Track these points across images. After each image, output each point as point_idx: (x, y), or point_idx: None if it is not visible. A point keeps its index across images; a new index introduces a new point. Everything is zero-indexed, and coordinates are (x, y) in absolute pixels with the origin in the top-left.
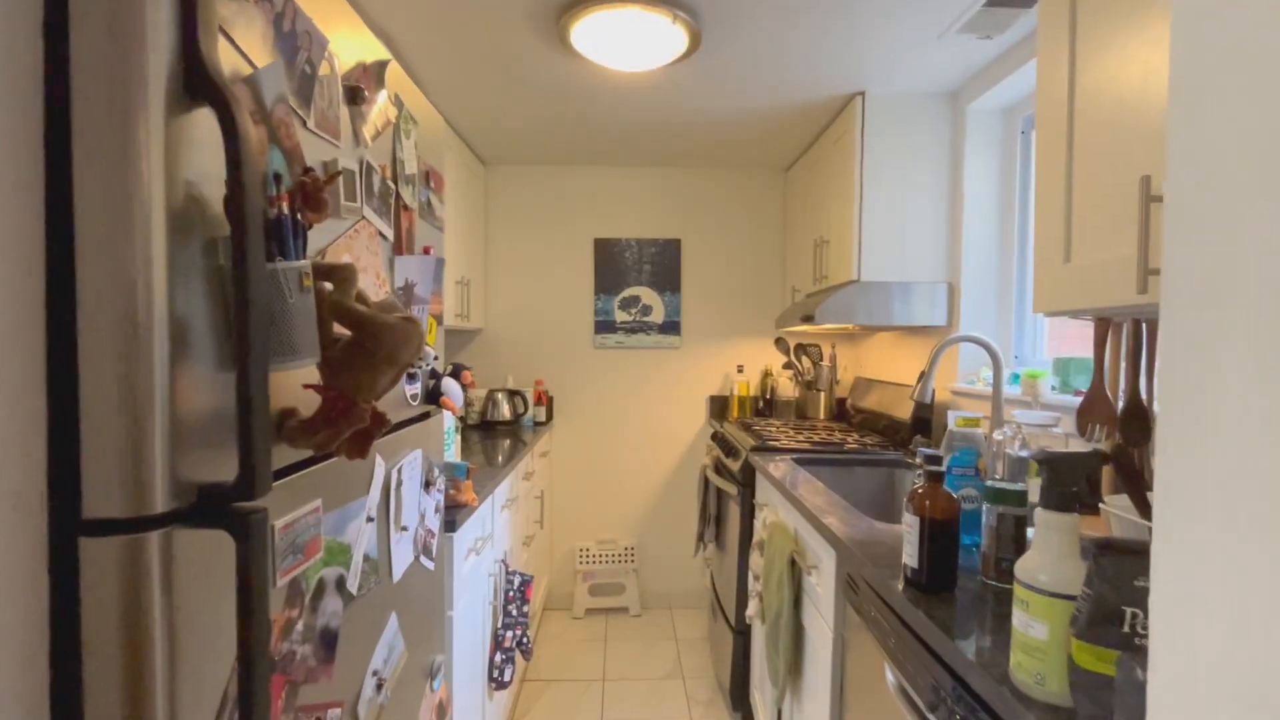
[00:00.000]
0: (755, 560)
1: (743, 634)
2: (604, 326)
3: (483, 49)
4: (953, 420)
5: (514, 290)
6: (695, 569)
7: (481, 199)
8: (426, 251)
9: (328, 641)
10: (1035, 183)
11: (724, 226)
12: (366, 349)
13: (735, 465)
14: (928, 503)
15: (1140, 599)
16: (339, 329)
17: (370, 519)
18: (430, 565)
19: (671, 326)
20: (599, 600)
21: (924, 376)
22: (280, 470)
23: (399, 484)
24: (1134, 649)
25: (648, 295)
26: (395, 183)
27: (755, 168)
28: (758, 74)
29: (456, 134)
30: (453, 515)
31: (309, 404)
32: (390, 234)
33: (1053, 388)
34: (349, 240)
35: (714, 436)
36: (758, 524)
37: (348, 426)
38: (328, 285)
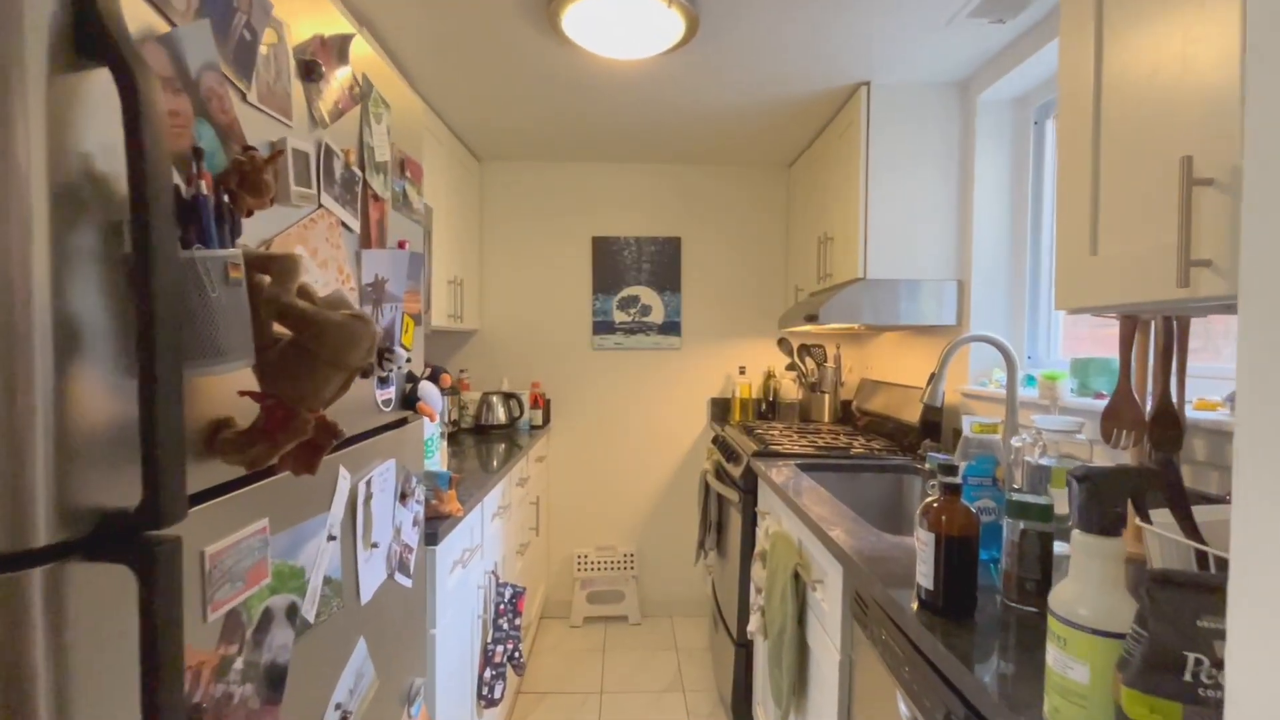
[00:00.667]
0: (757, 572)
1: (745, 647)
2: (602, 327)
3: (471, 36)
4: (968, 425)
5: (510, 290)
6: (696, 576)
7: (476, 196)
8: (401, 246)
9: (274, 679)
10: (1057, 169)
11: (725, 224)
12: (309, 351)
13: (737, 471)
14: (944, 518)
15: (1205, 642)
16: (280, 328)
17: (333, 537)
18: (407, 582)
19: (671, 327)
20: (598, 608)
21: (934, 378)
22: (217, 488)
23: (368, 497)
24: (1199, 701)
25: (647, 295)
26: (362, 170)
27: (757, 164)
28: (758, 63)
29: (449, 129)
30: (434, 527)
31: (248, 414)
32: (356, 225)
33: (1071, 390)
34: (303, 230)
35: (715, 440)
36: (760, 533)
37: (288, 439)
38: (266, 278)
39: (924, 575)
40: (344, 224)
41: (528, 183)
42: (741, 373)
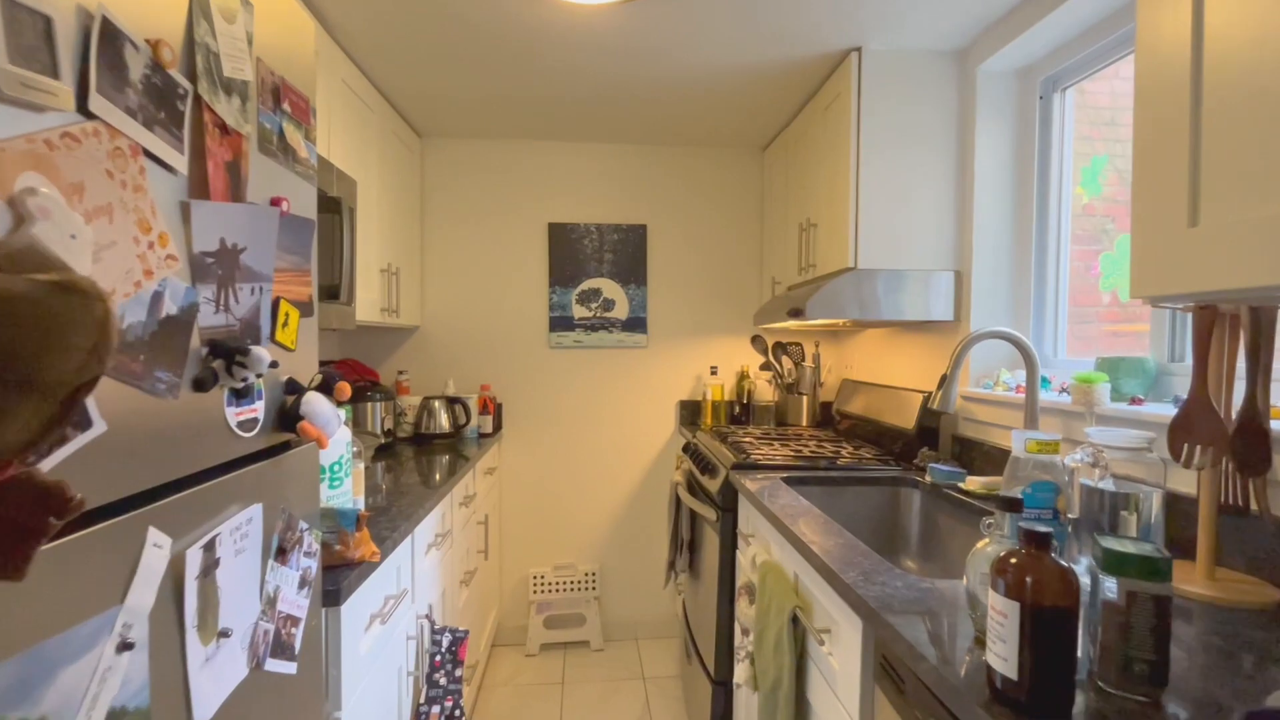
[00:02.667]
0: (743, 609)
1: (723, 685)
2: (560, 323)
3: None
4: (1020, 442)
5: (456, 282)
6: (664, 594)
7: (416, 175)
8: (277, 205)
9: None
10: (1134, 111)
11: (695, 211)
12: None
13: (713, 485)
14: (1030, 580)
15: None
16: None
17: (128, 645)
18: (289, 668)
19: (637, 323)
20: (556, 634)
21: (945, 381)
22: None
23: (209, 567)
24: None
25: (610, 288)
26: (194, 82)
27: (730, 146)
28: (734, 20)
29: (383, 96)
30: (338, 581)
31: None
32: (181, 161)
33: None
34: (45, 150)
35: (686, 448)
36: (743, 560)
37: None
38: None
39: (1000, 656)
40: (151, 155)
41: (475, 162)
42: (713, 373)
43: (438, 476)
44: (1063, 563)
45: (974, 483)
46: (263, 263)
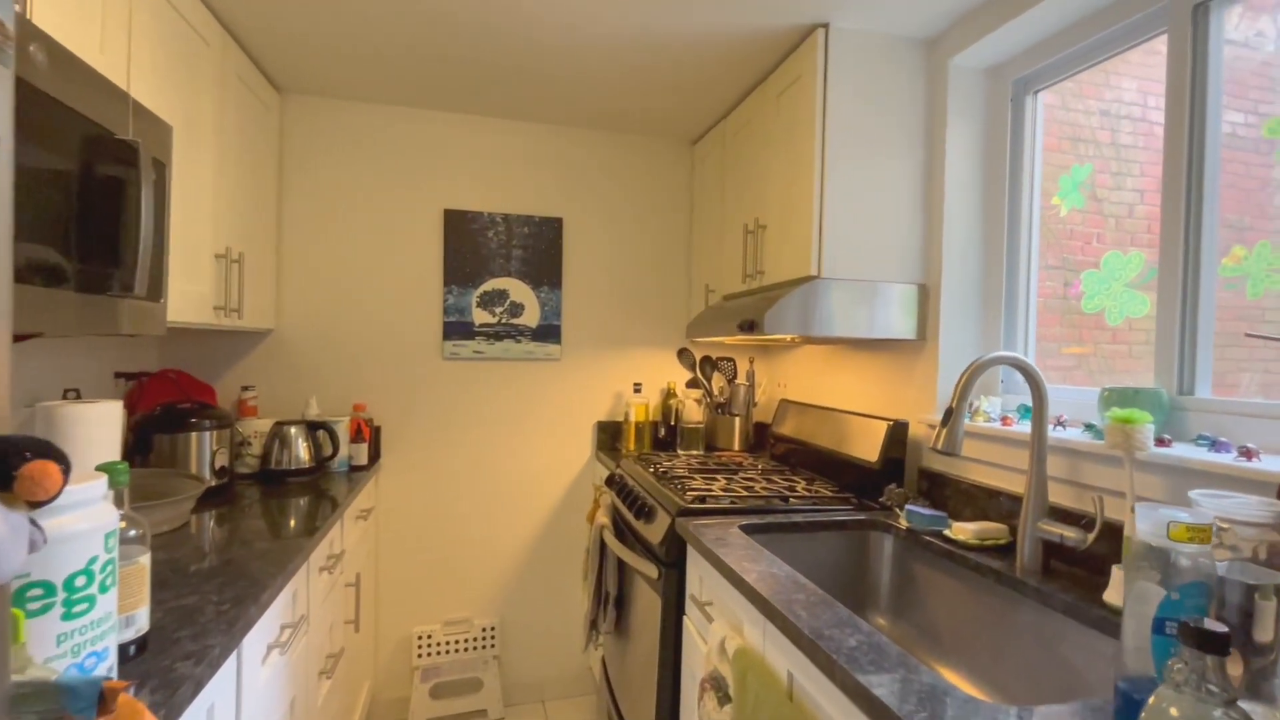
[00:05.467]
0: (710, 711)
1: None
2: (457, 330)
3: None
4: (1151, 523)
5: (325, 276)
6: (577, 644)
7: (273, 140)
8: None
9: None
10: None
11: (619, 206)
12: None
13: (653, 533)
14: None
15: None
16: None
17: None
18: None
19: (550, 332)
20: (446, 704)
21: (950, 417)
22: None
23: None
24: None
25: (519, 290)
26: None
27: (659, 136)
28: None
29: (229, 33)
30: None
31: None
32: None
33: (1092, 431)
34: None
35: (611, 481)
36: (701, 637)
37: None
38: None
39: None
40: None
41: (354, 130)
42: (636, 391)
43: (289, 534)
44: None
45: (962, 530)
46: None
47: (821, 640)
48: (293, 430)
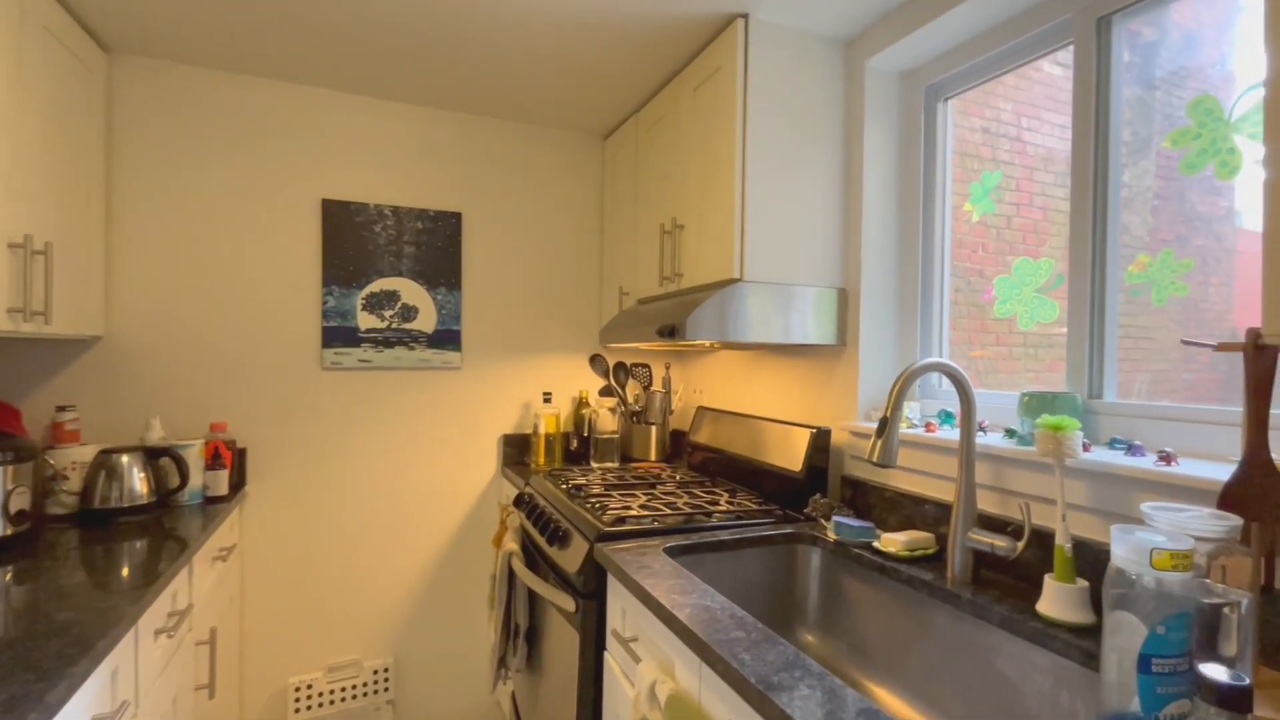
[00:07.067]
0: None
1: None
2: (339, 335)
3: None
4: (1130, 549)
5: (170, 272)
6: (484, 681)
7: (98, 107)
8: None
9: None
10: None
11: (525, 203)
12: None
13: (569, 561)
14: None
15: None
16: None
17: None
18: None
19: (448, 337)
20: None
21: (886, 426)
22: None
23: None
24: None
25: (411, 291)
26: None
27: (567, 129)
28: None
29: None
30: None
31: None
32: None
33: (1014, 438)
34: None
35: (520, 501)
36: (626, 678)
37: None
38: None
39: None
40: None
41: (209, 102)
42: (546, 400)
43: (114, 590)
44: None
45: (892, 542)
46: None
47: (773, 692)
48: (125, 459)
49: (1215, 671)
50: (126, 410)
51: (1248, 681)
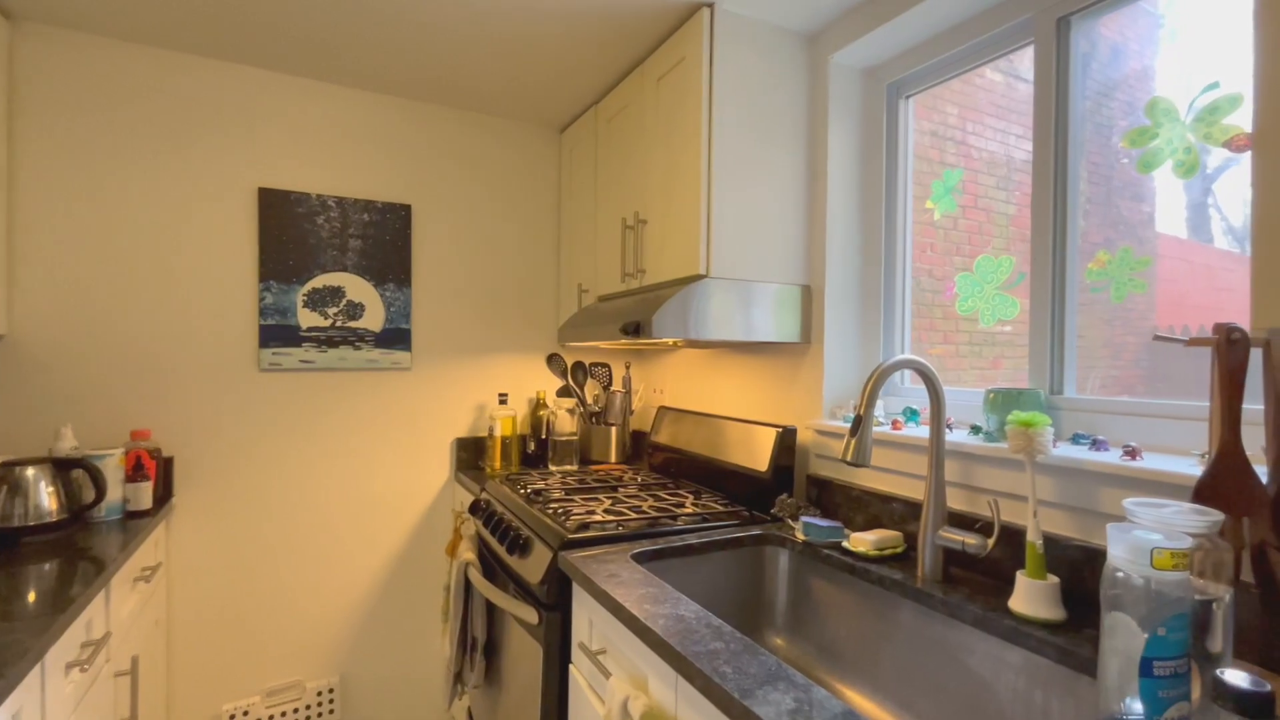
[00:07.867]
0: None
1: None
2: (278, 334)
3: None
4: (1129, 549)
5: (83, 266)
6: (438, 697)
7: None
8: None
9: None
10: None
11: (477, 196)
12: None
13: (532, 571)
14: None
15: None
16: None
17: None
18: None
19: (397, 336)
20: None
21: (858, 426)
22: None
23: None
24: None
25: (357, 287)
26: None
27: (523, 120)
28: None
29: None
30: None
31: None
32: None
33: (982, 435)
34: None
35: (476, 508)
36: (600, 695)
37: None
38: None
39: None
40: None
41: (129, 78)
42: (502, 402)
43: (13, 622)
44: None
45: (861, 542)
46: None
47: (758, 706)
48: (30, 472)
49: (1236, 678)
50: (33, 418)
51: (1269, 688)
